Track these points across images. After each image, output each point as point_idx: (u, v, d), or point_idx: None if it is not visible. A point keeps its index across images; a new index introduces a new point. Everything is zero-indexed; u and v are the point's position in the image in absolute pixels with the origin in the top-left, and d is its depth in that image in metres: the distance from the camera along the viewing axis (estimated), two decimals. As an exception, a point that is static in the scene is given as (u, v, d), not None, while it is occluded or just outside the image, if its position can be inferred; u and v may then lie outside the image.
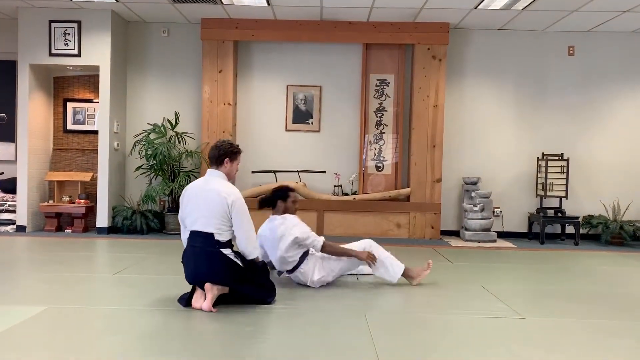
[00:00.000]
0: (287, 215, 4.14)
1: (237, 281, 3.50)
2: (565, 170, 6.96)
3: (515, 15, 6.58)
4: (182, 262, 3.60)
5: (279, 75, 7.31)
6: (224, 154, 3.60)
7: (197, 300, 3.49)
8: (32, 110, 6.91)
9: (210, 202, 3.46)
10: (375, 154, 7.24)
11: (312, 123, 7.33)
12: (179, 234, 6.80)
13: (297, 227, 4.02)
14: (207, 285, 3.43)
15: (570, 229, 7.10)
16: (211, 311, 3.38)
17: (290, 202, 4.18)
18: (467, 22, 6.96)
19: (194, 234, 3.51)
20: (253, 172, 7.18)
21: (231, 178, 3.66)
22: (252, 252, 3.55)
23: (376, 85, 7.23)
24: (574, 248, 6.61)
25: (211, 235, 3.45)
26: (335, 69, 7.29)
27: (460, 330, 3.20)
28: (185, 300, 3.55)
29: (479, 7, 6.32)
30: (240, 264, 3.52)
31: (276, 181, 7.09)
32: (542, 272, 5.12)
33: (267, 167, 7.24)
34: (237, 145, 3.73)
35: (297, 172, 7.15)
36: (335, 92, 7.31)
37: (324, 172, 7.24)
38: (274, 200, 4.20)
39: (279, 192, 4.23)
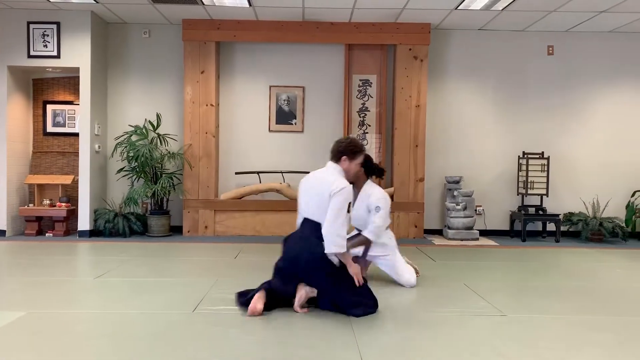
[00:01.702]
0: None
1: (330, 281, 3.39)
2: (545, 169, 7.04)
3: (495, 15, 6.66)
4: (282, 242, 3.61)
5: (261, 76, 7.30)
6: (342, 152, 3.60)
7: (258, 301, 3.36)
8: (11, 112, 6.81)
9: (319, 191, 3.47)
10: (358, 154, 7.25)
11: (295, 124, 7.33)
12: (162, 236, 6.92)
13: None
14: (300, 286, 3.45)
15: (551, 227, 7.20)
16: (303, 311, 3.44)
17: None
18: (448, 23, 7.02)
19: (305, 221, 3.55)
20: (236, 173, 7.15)
21: (349, 177, 3.63)
22: (329, 247, 3.34)
23: (359, 86, 7.26)
24: (555, 245, 6.69)
25: (319, 225, 3.43)
26: (318, 69, 7.30)
27: (443, 327, 3.23)
28: (245, 299, 3.45)
29: (459, 8, 6.38)
30: (337, 264, 3.45)
31: (260, 182, 7.08)
32: (523, 270, 5.18)
33: (250, 168, 7.22)
34: (361, 145, 3.67)
35: (281, 172, 7.14)
36: (318, 93, 7.31)
37: (308, 172, 7.19)
38: None
39: None
